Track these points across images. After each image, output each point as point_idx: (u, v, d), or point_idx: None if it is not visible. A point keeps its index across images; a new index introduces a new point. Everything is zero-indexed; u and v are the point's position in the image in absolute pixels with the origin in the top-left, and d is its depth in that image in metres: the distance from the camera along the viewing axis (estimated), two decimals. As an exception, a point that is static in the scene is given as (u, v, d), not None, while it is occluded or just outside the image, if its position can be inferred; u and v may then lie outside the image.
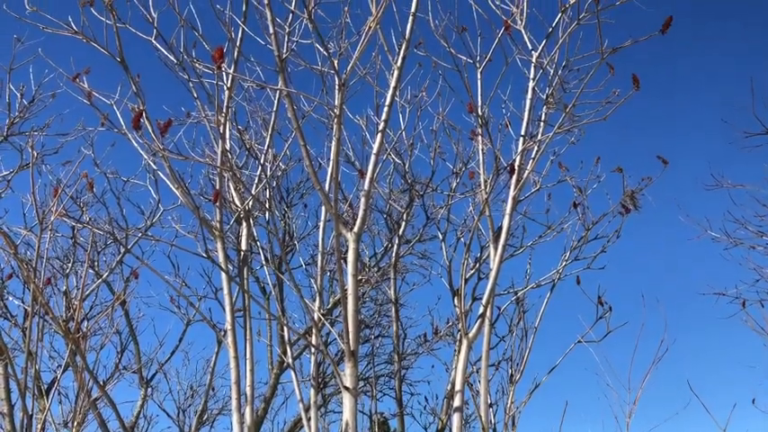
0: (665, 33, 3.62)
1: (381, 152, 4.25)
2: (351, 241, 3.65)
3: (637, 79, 3.78)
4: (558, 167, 5.60)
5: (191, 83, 4.46)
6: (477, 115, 4.85)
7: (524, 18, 4.87)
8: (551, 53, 4.70)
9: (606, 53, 3.99)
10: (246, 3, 4.01)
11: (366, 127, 6.39)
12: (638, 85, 3.82)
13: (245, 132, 6.07)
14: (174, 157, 3.46)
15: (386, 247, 8.11)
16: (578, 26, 4.46)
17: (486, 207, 4.58)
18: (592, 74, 4.16)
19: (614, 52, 3.95)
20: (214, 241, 4.34)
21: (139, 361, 8.73)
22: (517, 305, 5.73)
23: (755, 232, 8.10)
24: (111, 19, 4.00)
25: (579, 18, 4.39)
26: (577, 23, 4.43)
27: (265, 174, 4.76)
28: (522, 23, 4.84)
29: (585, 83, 4.22)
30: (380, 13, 3.57)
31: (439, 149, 7.07)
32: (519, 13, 4.87)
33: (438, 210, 7.17)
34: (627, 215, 5.32)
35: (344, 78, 3.63)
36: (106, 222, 6.57)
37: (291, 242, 7.94)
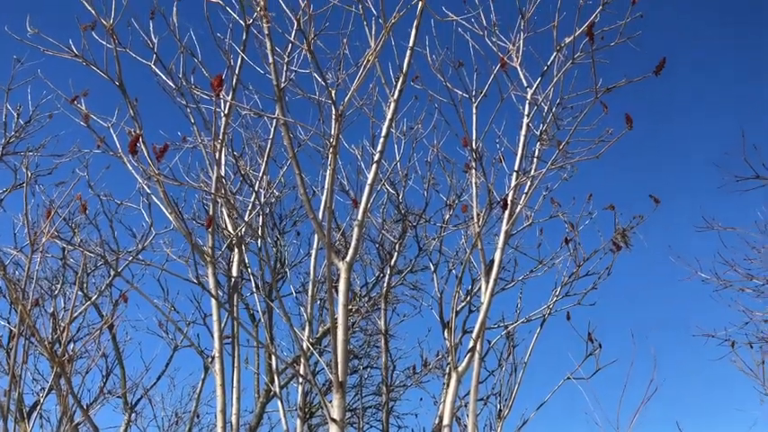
0: (659, 75, 3.69)
1: (376, 183, 4.28)
2: (343, 271, 3.65)
3: (630, 119, 3.83)
4: (551, 203, 5.63)
5: (188, 108, 4.49)
6: (472, 149, 4.89)
7: (520, 55, 4.95)
8: (546, 90, 4.77)
9: (600, 92, 4.05)
10: (246, 32, 4.06)
11: (361, 157, 6.44)
12: (632, 125, 3.87)
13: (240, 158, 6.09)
14: (168, 183, 3.47)
15: (377, 276, 8.09)
16: (573, 65, 4.53)
17: (478, 240, 4.59)
18: (586, 112, 4.22)
19: (608, 92, 4.01)
20: (205, 267, 4.33)
21: (124, 385, 8.61)
22: (507, 339, 5.71)
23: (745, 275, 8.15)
24: (112, 43, 4.04)
25: (574, 57, 4.46)
26: (572, 62, 4.50)
27: (259, 200, 4.77)
28: (518, 61, 4.91)
29: (579, 121, 4.28)
30: (379, 47, 3.62)
31: (433, 181, 7.11)
32: (515, 51, 4.95)
33: (430, 241, 7.17)
34: (618, 252, 5.34)
35: (342, 109, 3.66)
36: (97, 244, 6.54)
37: (282, 269, 7.92)
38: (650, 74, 3.75)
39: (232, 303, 4.46)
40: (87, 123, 4.07)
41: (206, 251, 4.14)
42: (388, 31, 3.60)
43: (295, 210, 8.71)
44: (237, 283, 4.40)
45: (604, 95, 4.07)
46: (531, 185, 4.65)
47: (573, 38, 4.48)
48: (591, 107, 4.16)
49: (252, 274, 5.05)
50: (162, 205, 3.92)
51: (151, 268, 6.88)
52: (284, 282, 8.38)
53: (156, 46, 4.34)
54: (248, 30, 4.09)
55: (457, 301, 4.91)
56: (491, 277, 4.47)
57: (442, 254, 7.14)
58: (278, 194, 7.16)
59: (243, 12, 4.01)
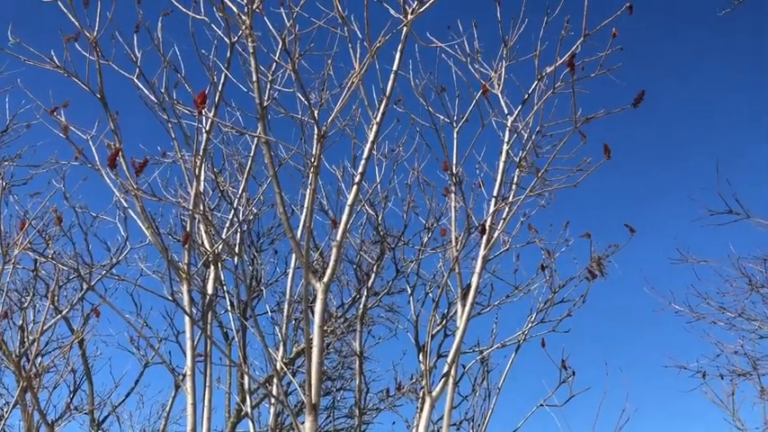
0: (637, 107, 3.75)
1: (356, 204, 4.28)
2: (319, 291, 3.63)
3: (608, 149, 3.89)
4: (528, 229, 5.67)
5: (169, 123, 4.47)
6: (452, 173, 4.92)
7: (502, 83, 5.01)
8: (526, 118, 4.83)
9: (579, 122, 4.11)
10: (231, 49, 4.07)
11: (342, 177, 6.45)
12: (609, 155, 3.92)
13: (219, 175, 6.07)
14: (147, 198, 3.44)
15: (354, 297, 8.07)
16: (553, 94, 4.60)
17: (455, 265, 4.60)
18: (565, 141, 4.27)
19: (587, 122, 4.07)
20: (180, 283, 4.28)
21: (92, 402, 8.44)
22: (482, 364, 5.71)
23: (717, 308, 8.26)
24: (95, 56, 4.02)
25: (555, 87, 4.52)
26: (553, 92, 4.57)
27: (238, 218, 4.75)
28: (500, 88, 4.98)
29: (558, 149, 4.33)
30: (363, 70, 3.65)
31: (412, 204, 7.14)
32: (497, 78, 5.01)
33: (408, 263, 7.18)
34: (593, 281, 5.38)
35: (324, 130, 3.67)
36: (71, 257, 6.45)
37: (258, 288, 7.85)
38: (629, 106, 3.81)
39: (206, 321, 4.40)
40: (66, 135, 4.03)
41: (181, 268, 4.10)
42: (373, 55, 3.63)
43: (273, 228, 8.69)
44: (212, 300, 4.36)
45: (583, 125, 4.13)
46: (510, 211, 4.69)
47: (554, 68, 4.55)
48: (570, 136, 4.21)
49: (227, 292, 5.01)
50: (139, 220, 3.88)
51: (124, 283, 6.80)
52: (259, 300, 8.32)
53: (139, 60, 4.33)
54: (233, 47, 4.10)
55: (433, 325, 4.90)
56: (467, 301, 4.48)
57: (420, 277, 7.15)
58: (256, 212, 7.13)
59: (228, 29, 4.02)
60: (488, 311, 6.62)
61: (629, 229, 4.97)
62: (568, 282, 5.70)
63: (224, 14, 3.62)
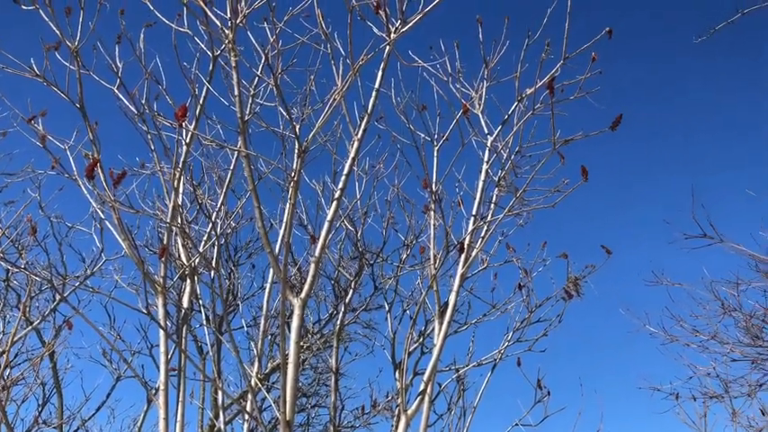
0: (615, 130, 3.81)
1: (335, 219, 4.28)
2: (296, 307, 3.61)
3: (585, 171, 3.93)
4: (506, 248, 5.70)
5: (149, 135, 4.45)
6: (431, 191, 4.95)
7: (482, 103, 5.07)
8: (506, 138, 4.88)
9: (558, 143, 4.16)
10: (214, 63, 4.06)
11: (322, 192, 6.44)
12: (587, 177, 3.97)
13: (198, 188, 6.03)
14: (124, 210, 3.41)
15: (331, 313, 8.03)
16: (533, 115, 4.66)
17: (434, 282, 4.61)
18: (543, 162, 4.32)
19: (566, 144, 4.12)
20: (155, 296, 4.23)
21: (61, 416, 8.27)
22: (458, 383, 5.70)
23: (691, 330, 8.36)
24: (75, 65, 4.00)
25: (534, 108, 4.58)
26: (532, 113, 4.63)
27: (215, 231, 4.71)
28: (480, 108, 5.03)
29: (537, 170, 4.37)
30: (346, 88, 3.66)
31: (392, 220, 7.15)
32: (478, 98, 5.07)
33: (386, 280, 7.17)
34: (570, 301, 5.42)
35: (305, 146, 3.67)
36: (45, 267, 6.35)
37: (235, 302, 7.79)
38: (607, 129, 3.87)
39: (180, 335, 4.35)
40: (44, 144, 3.99)
41: (157, 281, 4.06)
42: (356, 72, 3.65)
43: (251, 242, 8.63)
44: (187, 314, 4.31)
45: (562, 147, 4.18)
46: (488, 230, 4.72)
47: (534, 89, 4.61)
48: (548, 157, 4.26)
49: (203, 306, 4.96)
50: (115, 231, 3.84)
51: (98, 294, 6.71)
52: (235, 315, 8.25)
53: (120, 70, 4.31)
54: (215, 61, 4.10)
55: (410, 342, 4.90)
56: (445, 320, 4.49)
57: (398, 293, 7.14)
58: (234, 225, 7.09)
59: (211, 43, 4.02)
60: (465, 330, 6.63)
61: (606, 251, 5.01)
62: (545, 301, 5.73)
63: (207, 28, 3.62)
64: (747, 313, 8.14)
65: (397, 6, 3.81)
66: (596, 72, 4.33)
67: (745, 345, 8.11)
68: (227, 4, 3.61)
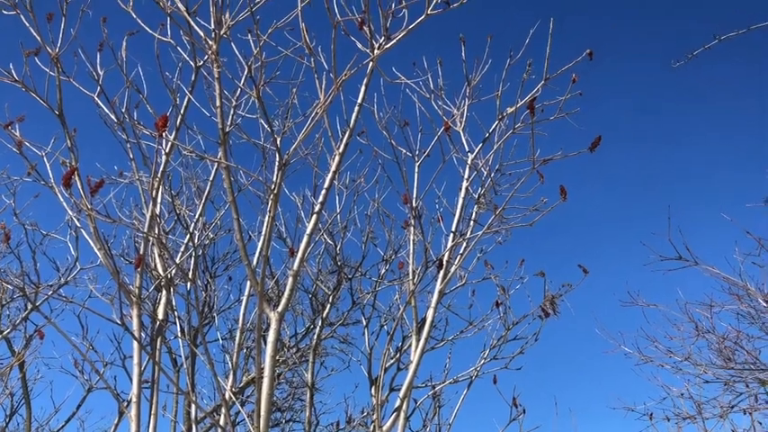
0: (594, 151, 3.85)
1: (315, 233, 4.26)
2: (273, 321, 3.58)
3: (564, 191, 3.97)
4: (484, 265, 5.73)
5: (128, 143, 4.41)
6: (412, 207, 4.96)
7: (464, 121, 5.11)
8: (486, 156, 4.91)
9: (537, 163, 4.20)
10: (196, 73, 4.05)
11: (302, 205, 6.43)
12: (566, 197, 4.00)
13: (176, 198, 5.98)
14: (101, 219, 3.37)
15: (308, 327, 7.98)
16: (513, 134, 4.70)
17: (412, 298, 4.61)
18: (523, 181, 4.36)
19: (545, 163, 4.16)
20: (130, 307, 4.17)
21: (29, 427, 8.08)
22: (434, 400, 5.69)
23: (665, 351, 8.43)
24: (56, 71, 3.96)
25: (515, 127, 4.63)
26: (513, 132, 4.67)
27: (193, 242, 4.68)
28: (462, 126, 5.07)
29: (517, 189, 4.41)
30: (328, 102, 3.67)
31: (371, 235, 7.15)
32: (459, 116, 5.10)
33: (365, 295, 7.16)
34: (546, 319, 5.44)
35: (286, 159, 3.67)
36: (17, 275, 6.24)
37: (210, 314, 7.71)
38: (585, 150, 3.92)
39: (154, 347, 4.30)
40: (20, 150, 3.94)
41: (132, 291, 4.01)
42: (338, 87, 3.66)
43: (229, 253, 8.55)
44: (162, 326, 4.26)
45: (541, 166, 4.22)
46: (467, 247, 4.73)
47: (515, 109, 4.66)
48: (528, 176, 4.30)
49: (178, 318, 4.90)
50: (91, 240, 3.79)
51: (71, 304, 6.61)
52: (211, 327, 8.16)
53: (101, 78, 4.28)
54: (198, 71, 4.09)
55: (387, 358, 4.88)
56: (422, 336, 4.48)
57: (375, 308, 7.13)
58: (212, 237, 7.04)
59: (194, 53, 4.01)
60: (442, 346, 6.63)
61: (583, 270, 5.06)
62: (522, 319, 5.75)
63: (190, 38, 3.61)
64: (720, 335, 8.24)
65: (381, 23, 3.83)
66: (576, 93, 4.39)
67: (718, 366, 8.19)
68: (212, 15, 3.61)
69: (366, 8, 3.63)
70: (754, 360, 7.99)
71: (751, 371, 7.97)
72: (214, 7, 3.55)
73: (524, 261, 5.72)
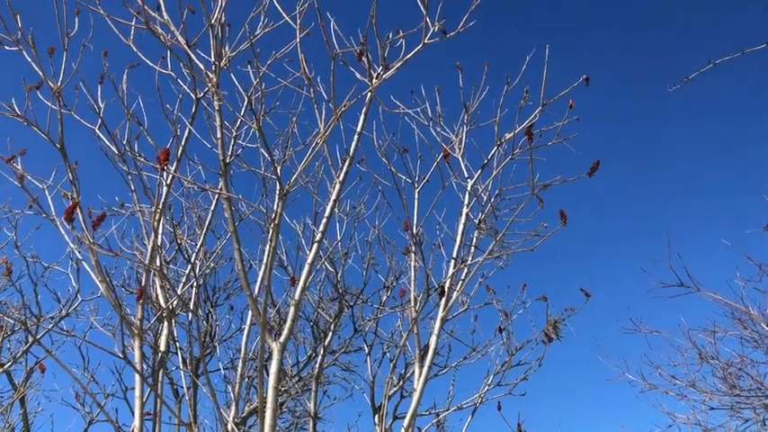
0: (592, 176, 3.87)
1: (316, 262, 4.26)
2: (275, 351, 3.57)
3: (564, 215, 3.98)
4: (486, 290, 5.71)
5: (129, 175, 4.43)
6: (412, 234, 4.97)
7: (463, 147, 5.14)
8: (486, 182, 4.93)
9: (537, 188, 4.21)
10: (196, 105, 4.09)
11: (302, 233, 6.43)
12: (566, 221, 4.02)
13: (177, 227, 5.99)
14: (102, 252, 3.37)
15: (309, 356, 7.93)
16: (512, 160, 4.73)
17: (414, 326, 4.59)
18: (523, 206, 4.37)
19: (544, 188, 4.18)
20: (131, 339, 4.16)
21: (30, 461, 8.00)
22: (438, 427, 5.64)
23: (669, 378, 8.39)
24: (57, 105, 4.00)
25: (513, 153, 4.65)
26: (511, 157, 4.70)
27: (194, 272, 4.67)
28: (460, 152, 5.10)
29: (517, 214, 4.42)
30: (328, 133, 3.70)
31: (372, 261, 7.13)
32: (458, 142, 5.14)
33: (366, 322, 7.13)
34: (549, 344, 5.42)
35: (287, 189, 3.68)
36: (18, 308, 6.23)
37: (212, 344, 7.67)
38: (584, 175, 3.94)
39: (156, 378, 4.27)
40: (22, 184, 3.95)
41: (134, 323, 4.00)
42: (338, 118, 3.69)
43: (230, 282, 8.53)
44: (164, 357, 4.24)
45: (541, 191, 4.23)
46: (468, 273, 4.73)
47: (513, 134, 4.69)
48: (528, 201, 4.31)
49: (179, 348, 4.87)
50: (92, 273, 3.79)
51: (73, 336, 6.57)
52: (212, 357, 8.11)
53: (102, 111, 4.31)
54: (198, 103, 4.12)
55: (390, 386, 4.85)
56: (425, 363, 4.45)
57: (378, 336, 7.09)
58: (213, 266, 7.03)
59: (194, 85, 4.05)
60: (445, 373, 6.58)
61: (585, 294, 5.05)
62: (525, 344, 5.72)
63: (191, 71, 3.65)
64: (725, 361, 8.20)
65: (379, 53, 3.87)
66: (574, 119, 4.42)
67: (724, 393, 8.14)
68: (212, 48, 3.65)
69: (364, 39, 3.67)
70: (760, 385, 7.93)
71: (757, 396, 7.91)
72: (214, 40, 3.60)
73: (526, 286, 5.72)
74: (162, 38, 3.62)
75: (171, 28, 3.62)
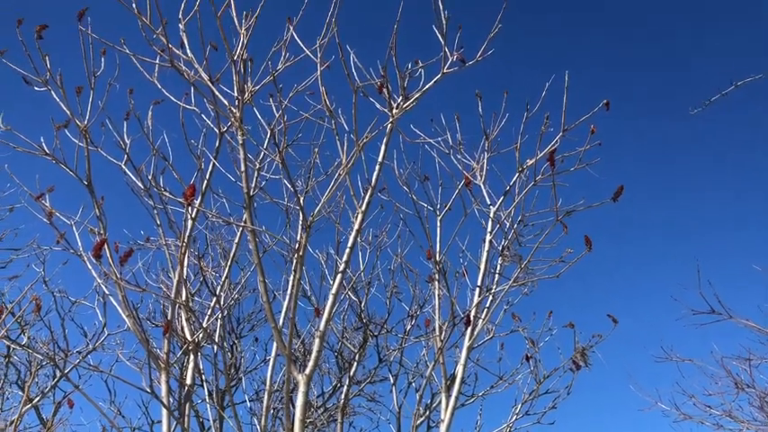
0: (617, 201, 3.84)
1: (339, 292, 4.26)
2: (301, 384, 3.56)
3: (589, 241, 3.94)
4: (512, 318, 5.66)
5: (155, 209, 4.49)
6: (435, 262, 4.95)
7: (484, 174, 5.14)
8: (508, 209, 4.91)
9: (561, 214, 4.19)
10: (220, 139, 4.14)
11: (325, 262, 6.43)
12: (591, 247, 3.97)
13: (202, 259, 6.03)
14: (129, 288, 3.41)
15: (334, 386, 7.87)
16: (534, 186, 4.71)
17: (440, 356, 4.55)
18: (548, 232, 4.34)
19: (568, 215, 4.15)
20: (158, 372, 4.17)
21: (57, 496, 8.00)
22: (466, 458, 5.55)
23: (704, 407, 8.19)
24: (84, 143, 4.07)
25: (536, 179, 4.64)
26: (534, 184, 4.68)
27: (219, 305, 4.69)
28: (482, 179, 5.10)
29: (542, 240, 4.39)
30: (351, 164, 3.72)
31: (395, 290, 7.10)
32: (479, 169, 5.14)
33: (391, 352, 7.07)
34: (578, 372, 5.34)
35: (311, 221, 3.70)
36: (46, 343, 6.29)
37: (237, 375, 7.66)
38: (608, 200, 3.90)
39: (183, 412, 4.27)
40: (50, 220, 4.02)
41: (161, 357, 4.01)
42: (360, 150, 3.72)
43: (254, 313, 8.53)
44: (190, 391, 4.24)
45: (565, 217, 4.21)
46: (493, 300, 4.69)
47: (534, 161, 4.68)
48: (552, 228, 4.28)
49: (205, 381, 4.88)
50: (119, 307, 3.82)
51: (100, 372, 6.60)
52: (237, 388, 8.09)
53: (128, 146, 4.39)
54: (222, 137, 4.18)
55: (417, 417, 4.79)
56: (452, 394, 4.41)
57: (403, 365, 7.03)
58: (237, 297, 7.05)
59: (218, 120, 4.11)
60: (472, 402, 6.49)
61: (612, 320, 4.98)
62: (553, 372, 5.64)
63: (215, 106, 3.71)
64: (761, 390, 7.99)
65: (399, 83, 3.91)
66: (596, 144, 4.41)
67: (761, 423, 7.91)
68: (234, 83, 3.71)
69: (384, 71, 3.71)
70: (798, 415, 7.72)
71: (797, 426, 7.69)
72: (237, 75, 3.66)
73: (552, 312, 5.65)
74: (186, 74, 3.69)
75: (194, 65, 3.69)
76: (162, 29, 3.45)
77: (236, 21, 3.67)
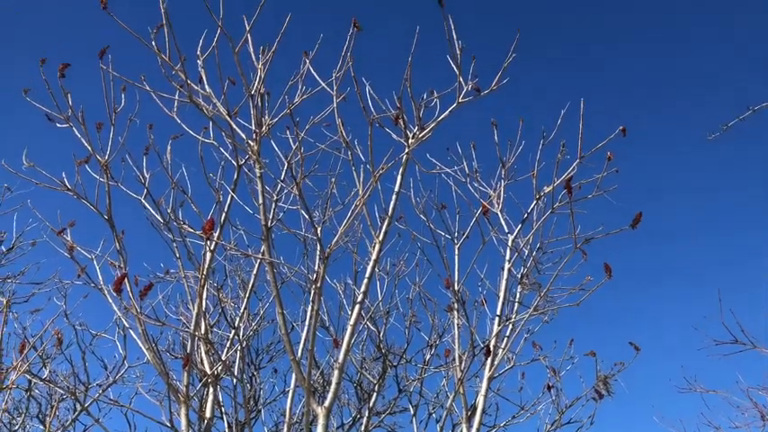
0: (635, 228, 3.81)
1: (358, 323, 4.24)
2: (321, 416, 3.53)
3: (609, 268, 3.90)
4: (532, 346, 5.59)
5: (174, 242, 4.53)
6: (454, 291, 4.92)
7: (501, 202, 5.12)
8: (527, 236, 4.89)
9: (580, 241, 4.16)
10: (238, 172, 4.18)
11: (343, 292, 6.42)
12: (611, 274, 3.93)
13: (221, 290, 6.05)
14: (149, 322, 3.43)
15: (354, 417, 7.80)
16: (552, 213, 4.69)
17: (460, 386, 4.50)
18: (567, 260, 4.31)
19: (587, 242, 4.12)
20: (177, 405, 4.17)
21: None
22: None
23: (731, 440, 8.01)
24: (105, 178, 4.13)
25: (553, 207, 4.62)
26: (552, 211, 4.66)
27: (238, 336, 4.69)
28: (499, 207, 5.08)
29: (561, 268, 4.36)
30: (367, 194, 3.73)
31: (414, 319, 7.05)
32: (496, 197, 5.13)
33: (411, 382, 7.01)
34: (600, 401, 5.25)
35: (328, 252, 3.70)
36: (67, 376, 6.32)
37: (256, 407, 7.62)
38: (627, 227, 3.87)
39: (202, 445, 4.25)
40: (72, 255, 4.07)
41: (181, 390, 4.01)
42: (377, 180, 3.73)
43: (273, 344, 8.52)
44: (210, 424, 4.23)
45: (584, 244, 4.17)
46: (513, 330, 4.65)
47: (552, 188, 4.67)
48: (571, 255, 4.25)
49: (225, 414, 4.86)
50: (139, 341, 3.84)
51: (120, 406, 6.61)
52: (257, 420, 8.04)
53: (147, 181, 4.45)
54: (240, 170, 4.22)
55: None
56: (473, 424, 4.35)
57: (422, 396, 6.96)
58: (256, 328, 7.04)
59: (236, 153, 4.15)
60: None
61: (634, 348, 4.90)
62: (575, 402, 5.56)
63: (233, 140, 3.75)
64: (789, 421, 7.80)
65: (414, 114, 3.94)
66: (613, 170, 4.38)
67: (789, 454, 7.71)
68: (252, 117, 3.76)
69: (400, 102, 3.74)
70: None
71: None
72: (254, 109, 3.70)
73: (573, 340, 5.58)
74: (204, 109, 3.74)
75: (213, 99, 3.74)
76: (181, 65, 3.52)
77: (254, 56, 3.73)
